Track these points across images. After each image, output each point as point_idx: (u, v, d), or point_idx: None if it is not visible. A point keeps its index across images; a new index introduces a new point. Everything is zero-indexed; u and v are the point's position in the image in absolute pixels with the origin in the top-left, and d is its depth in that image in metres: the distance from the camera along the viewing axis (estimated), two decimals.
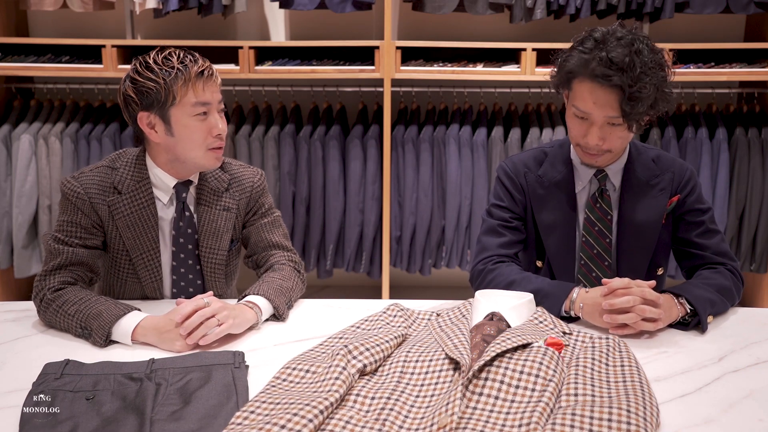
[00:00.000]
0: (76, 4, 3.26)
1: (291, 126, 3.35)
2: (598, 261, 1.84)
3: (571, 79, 1.70)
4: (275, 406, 1.20)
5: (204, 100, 1.68)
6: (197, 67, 1.67)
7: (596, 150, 1.72)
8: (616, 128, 1.69)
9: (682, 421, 1.24)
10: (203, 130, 1.70)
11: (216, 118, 1.71)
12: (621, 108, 1.63)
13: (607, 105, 1.64)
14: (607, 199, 1.83)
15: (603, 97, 1.64)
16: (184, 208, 1.79)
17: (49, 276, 1.67)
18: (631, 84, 1.60)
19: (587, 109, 1.67)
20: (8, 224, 3.32)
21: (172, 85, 1.65)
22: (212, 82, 1.70)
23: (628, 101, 1.61)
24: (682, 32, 3.52)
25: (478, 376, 1.27)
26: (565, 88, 1.74)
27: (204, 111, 1.69)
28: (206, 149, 1.72)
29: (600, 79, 1.62)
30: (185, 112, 1.67)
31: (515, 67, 3.24)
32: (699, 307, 1.60)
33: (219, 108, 1.73)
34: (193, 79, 1.66)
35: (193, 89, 1.66)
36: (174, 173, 1.76)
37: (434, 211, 3.38)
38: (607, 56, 1.61)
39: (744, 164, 3.29)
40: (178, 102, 1.66)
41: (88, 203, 1.71)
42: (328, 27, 3.58)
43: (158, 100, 1.66)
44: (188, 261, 1.82)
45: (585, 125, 1.70)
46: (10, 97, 3.50)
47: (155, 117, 1.68)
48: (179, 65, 1.65)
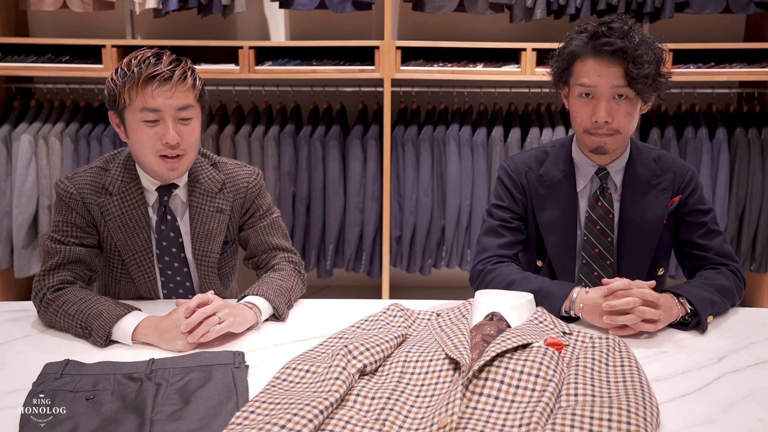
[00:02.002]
0: (76, 4, 3.26)
1: (291, 126, 3.35)
2: (600, 260, 1.84)
3: (573, 61, 1.73)
4: (275, 406, 1.20)
5: (152, 107, 1.62)
6: (151, 72, 1.60)
7: (605, 129, 1.72)
8: (623, 103, 1.70)
9: (682, 421, 1.24)
10: (151, 137, 1.64)
11: (167, 126, 1.63)
12: (626, 73, 1.66)
13: (612, 74, 1.67)
14: (609, 197, 1.82)
15: (607, 68, 1.68)
16: (166, 212, 1.77)
17: (48, 276, 1.67)
18: (634, 48, 1.65)
19: (593, 82, 1.69)
20: (8, 224, 3.32)
21: (122, 88, 1.62)
22: (166, 88, 1.61)
23: (632, 64, 1.65)
24: (682, 32, 3.52)
25: (478, 376, 1.27)
26: (566, 76, 1.76)
27: (154, 119, 1.63)
28: (156, 156, 1.66)
29: (603, 48, 1.67)
30: (135, 117, 1.64)
31: (515, 67, 3.24)
32: (699, 307, 1.60)
33: (178, 116, 1.64)
34: (141, 83, 1.60)
35: (142, 94, 1.61)
36: (152, 175, 1.74)
37: (434, 211, 3.38)
38: (606, 26, 1.69)
39: (744, 164, 3.29)
40: (129, 106, 1.64)
41: (81, 203, 1.71)
42: (328, 27, 3.58)
43: (113, 101, 1.66)
44: (174, 264, 1.81)
45: (591, 104, 1.71)
46: (10, 97, 3.50)
47: (116, 118, 1.69)
48: (135, 68, 1.61)
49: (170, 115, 1.64)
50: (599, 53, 1.68)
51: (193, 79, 1.66)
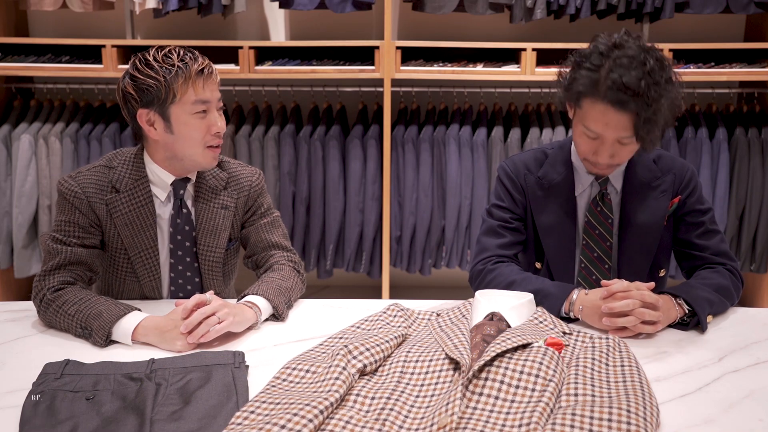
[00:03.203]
0: (76, 4, 3.26)
1: (291, 126, 3.35)
2: (598, 264, 1.84)
3: (581, 98, 1.65)
4: (275, 406, 1.20)
5: (204, 98, 1.69)
6: (197, 65, 1.67)
7: (605, 165, 1.70)
8: (627, 146, 1.67)
9: (682, 421, 1.24)
10: (202, 128, 1.70)
11: (215, 116, 1.72)
12: (635, 130, 1.60)
13: (620, 127, 1.61)
14: (609, 203, 1.82)
15: (616, 119, 1.60)
16: (181, 205, 1.79)
17: (48, 276, 1.67)
18: (647, 107, 1.56)
19: (599, 131, 1.63)
20: (8, 224, 3.33)
21: (173, 83, 1.65)
22: (212, 81, 1.71)
23: (643, 125, 1.58)
24: (682, 32, 3.52)
25: (478, 376, 1.27)
26: (574, 105, 1.70)
27: (204, 109, 1.70)
28: (204, 147, 1.72)
29: (614, 104, 1.58)
30: (185, 110, 1.68)
31: (515, 67, 3.24)
32: (697, 308, 1.60)
33: (218, 106, 1.74)
34: (193, 77, 1.67)
35: (194, 87, 1.67)
36: (172, 170, 1.77)
37: (434, 211, 3.38)
38: (620, 80, 1.55)
39: (744, 164, 3.29)
40: (179, 100, 1.67)
41: (86, 202, 1.71)
42: (328, 27, 3.58)
43: (158, 98, 1.66)
44: (186, 258, 1.82)
45: (595, 144, 1.67)
46: (10, 97, 3.50)
47: (155, 114, 1.69)
48: (180, 63, 1.66)
49: (215, 105, 1.73)
50: (609, 103, 1.58)
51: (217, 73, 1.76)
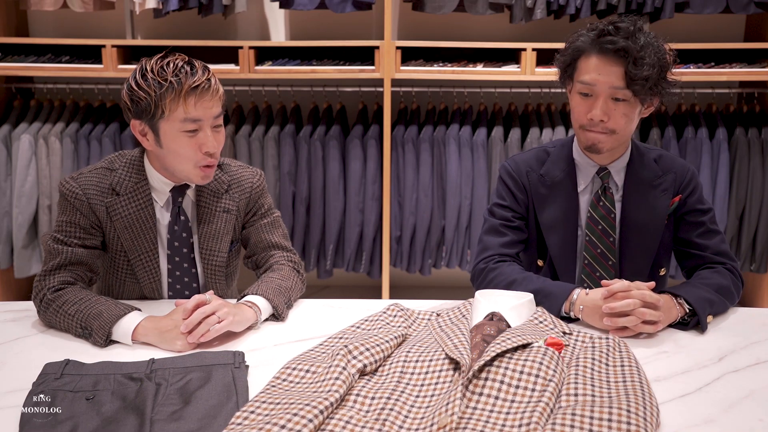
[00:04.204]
0: (76, 4, 3.26)
1: (291, 126, 3.35)
2: (601, 260, 1.84)
3: (577, 56, 1.73)
4: (275, 406, 1.20)
5: (194, 117, 1.62)
6: (192, 81, 1.60)
7: (600, 127, 1.72)
8: (620, 104, 1.70)
9: (682, 421, 1.24)
10: (192, 146, 1.65)
11: (207, 135, 1.65)
12: (626, 73, 1.66)
13: (612, 74, 1.68)
14: (611, 197, 1.83)
15: (608, 67, 1.68)
16: (179, 212, 1.78)
17: (48, 276, 1.67)
18: (637, 49, 1.65)
19: (592, 80, 1.70)
20: (8, 224, 3.32)
21: (162, 99, 1.60)
22: (207, 98, 1.62)
23: (633, 65, 1.65)
24: (682, 32, 3.52)
25: (478, 376, 1.27)
26: (571, 71, 1.76)
27: (194, 128, 1.63)
28: (195, 166, 1.67)
29: (606, 46, 1.67)
30: (174, 127, 1.63)
31: (515, 67, 3.24)
32: (698, 307, 1.60)
33: (214, 124, 1.66)
34: (184, 93, 1.59)
35: (184, 105, 1.60)
36: (170, 177, 1.75)
37: (434, 211, 3.38)
38: (613, 26, 1.69)
39: (744, 164, 3.29)
40: (167, 116, 1.62)
41: (87, 204, 1.71)
42: (328, 27, 3.58)
43: (147, 112, 1.63)
44: (183, 264, 1.82)
45: (589, 101, 1.72)
46: (10, 97, 3.50)
47: (146, 127, 1.66)
48: (173, 78, 1.59)
49: (208, 123, 1.65)
50: (602, 51, 1.68)
51: (219, 87, 1.67)
